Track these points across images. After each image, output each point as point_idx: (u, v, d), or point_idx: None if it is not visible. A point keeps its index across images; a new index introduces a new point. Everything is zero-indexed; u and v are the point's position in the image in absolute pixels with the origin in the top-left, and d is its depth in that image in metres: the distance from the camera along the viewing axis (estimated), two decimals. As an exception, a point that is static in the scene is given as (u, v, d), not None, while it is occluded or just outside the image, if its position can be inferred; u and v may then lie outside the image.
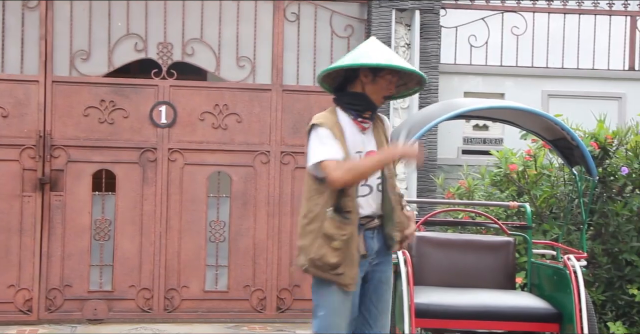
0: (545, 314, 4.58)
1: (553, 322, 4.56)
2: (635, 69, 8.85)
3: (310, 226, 3.94)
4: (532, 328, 4.69)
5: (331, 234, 3.87)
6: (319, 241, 3.90)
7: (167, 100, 7.96)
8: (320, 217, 3.91)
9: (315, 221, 3.93)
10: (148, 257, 7.87)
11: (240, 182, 8.05)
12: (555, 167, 6.73)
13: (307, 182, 4.04)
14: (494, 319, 4.55)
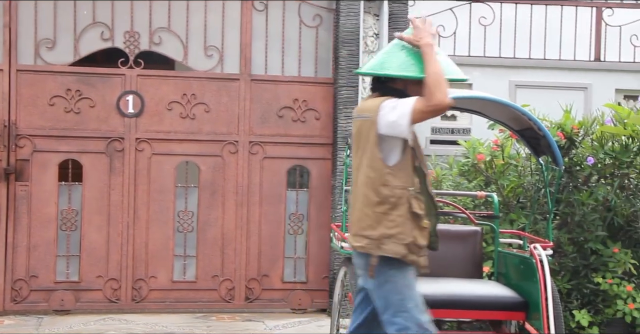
0: (511, 303, 4.62)
1: (519, 310, 4.60)
2: (601, 60, 8.93)
3: (395, 211, 3.80)
4: (498, 316, 4.73)
5: (420, 213, 3.82)
6: (409, 223, 3.82)
7: (134, 89, 7.90)
8: (404, 199, 3.81)
9: (400, 204, 3.81)
10: (115, 247, 7.82)
11: (208, 172, 8.02)
12: (522, 157, 6.78)
13: (375, 169, 3.86)
14: (462, 308, 4.58)
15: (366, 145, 3.90)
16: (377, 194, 3.83)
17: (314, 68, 8.28)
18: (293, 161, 8.18)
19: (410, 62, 3.93)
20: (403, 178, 3.85)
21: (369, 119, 3.90)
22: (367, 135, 3.90)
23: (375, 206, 3.84)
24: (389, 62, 3.95)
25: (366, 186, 3.87)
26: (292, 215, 8.19)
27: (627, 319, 6.30)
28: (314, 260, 8.18)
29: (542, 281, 4.42)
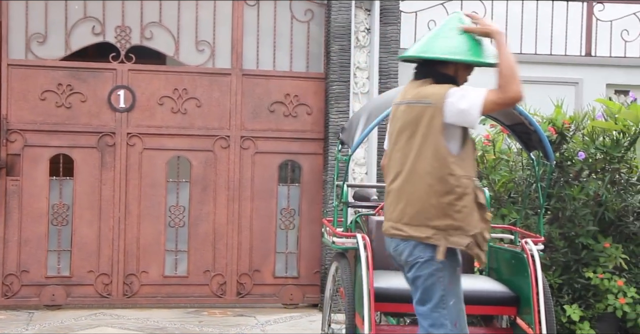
0: (502, 298, 4.62)
1: (510, 305, 4.61)
2: (592, 55, 8.94)
3: (461, 202, 3.65)
4: (490, 311, 4.73)
5: (484, 204, 3.71)
6: (475, 214, 3.70)
7: (125, 84, 7.88)
8: (469, 189, 3.68)
9: (466, 194, 3.67)
10: (107, 242, 7.81)
11: (200, 167, 8.02)
12: (514, 152, 6.79)
13: (439, 158, 3.67)
14: (452, 303, 4.58)
15: (427, 132, 3.70)
16: (444, 184, 3.66)
17: (305, 63, 8.27)
18: (284, 156, 8.18)
19: (464, 46, 3.78)
20: (467, 168, 3.72)
21: (431, 106, 3.69)
22: (429, 122, 3.69)
23: (442, 196, 3.67)
24: (439, 46, 3.77)
25: (430, 176, 3.68)
26: (284, 210, 8.19)
27: (618, 313, 6.32)
28: (306, 255, 8.18)
29: (533, 276, 4.42)
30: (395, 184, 3.80)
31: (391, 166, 3.86)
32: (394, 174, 3.82)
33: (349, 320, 4.47)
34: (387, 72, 8.04)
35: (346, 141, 5.10)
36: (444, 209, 3.68)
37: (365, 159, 7.92)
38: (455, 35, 3.80)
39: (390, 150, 3.89)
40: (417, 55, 3.80)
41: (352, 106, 7.90)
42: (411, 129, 3.76)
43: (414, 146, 3.73)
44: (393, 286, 4.50)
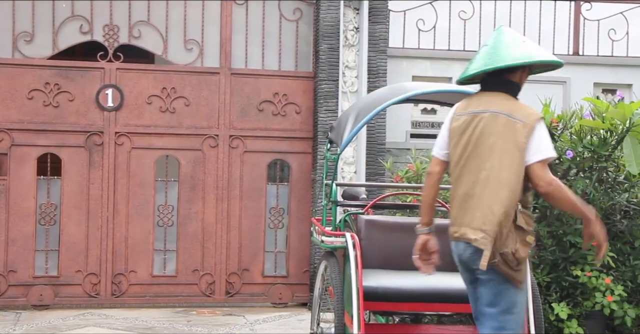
0: (491, 296, 4.62)
1: (499, 303, 4.61)
2: (579, 54, 8.97)
3: (508, 221, 3.77)
4: (478, 309, 4.73)
5: (525, 228, 3.80)
6: (512, 235, 3.79)
7: (113, 83, 7.86)
8: (512, 212, 3.79)
9: (512, 215, 3.79)
10: (95, 242, 7.79)
11: (188, 166, 8.00)
12: (502, 150, 6.79)
13: (515, 172, 3.79)
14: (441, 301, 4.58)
15: (506, 145, 3.81)
16: (516, 196, 3.79)
17: (294, 62, 8.27)
18: (273, 155, 8.17)
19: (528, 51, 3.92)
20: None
21: (520, 123, 3.81)
22: (513, 136, 3.80)
23: (507, 208, 3.78)
24: (508, 55, 3.88)
25: (506, 188, 3.79)
26: (273, 209, 8.19)
27: (606, 311, 6.33)
28: (295, 254, 8.18)
29: (521, 274, 4.43)
30: (471, 190, 3.88)
31: (465, 172, 3.93)
32: (471, 181, 3.89)
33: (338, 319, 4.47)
34: (376, 71, 8.05)
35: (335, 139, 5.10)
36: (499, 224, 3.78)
37: (354, 158, 7.92)
38: (516, 44, 3.94)
39: (465, 157, 3.94)
40: (493, 66, 3.89)
41: (341, 105, 7.90)
42: (495, 140, 3.85)
43: (496, 156, 3.83)
44: (382, 285, 4.51)
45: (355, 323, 4.19)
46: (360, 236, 5.04)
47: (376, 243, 5.16)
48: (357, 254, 4.38)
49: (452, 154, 3.98)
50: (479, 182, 3.84)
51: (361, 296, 4.26)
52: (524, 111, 3.87)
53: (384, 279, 4.58)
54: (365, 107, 4.74)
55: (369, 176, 7.94)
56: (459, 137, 3.96)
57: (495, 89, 3.97)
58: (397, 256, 5.17)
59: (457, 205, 3.93)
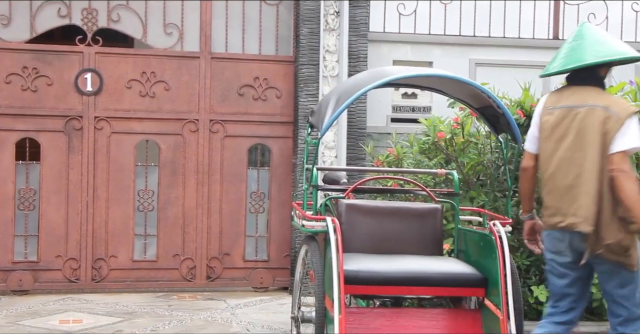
0: (471, 279, 4.65)
1: (479, 287, 4.64)
2: (559, 38, 8.99)
3: (612, 211, 4.08)
4: (458, 292, 4.76)
5: (627, 217, 4.07)
6: (616, 225, 4.07)
7: (92, 67, 7.81)
8: (614, 203, 4.08)
9: (614, 206, 4.09)
10: (75, 227, 7.76)
11: (168, 151, 7.98)
12: (482, 134, 6.82)
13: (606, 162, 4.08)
14: (422, 285, 4.60)
15: (602, 138, 4.08)
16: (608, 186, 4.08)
17: (274, 46, 8.24)
18: (254, 140, 8.16)
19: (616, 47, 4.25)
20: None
21: (615, 116, 4.08)
22: (607, 129, 4.07)
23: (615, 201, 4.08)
24: (606, 50, 4.19)
25: (604, 175, 4.07)
26: (253, 194, 8.18)
27: (584, 294, 6.39)
28: (276, 238, 8.18)
29: (501, 257, 4.46)
30: (575, 182, 4.12)
31: (565, 164, 4.16)
32: (575, 173, 4.12)
33: (319, 303, 4.48)
34: (357, 56, 8.04)
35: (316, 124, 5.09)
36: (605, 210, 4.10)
37: (335, 142, 7.92)
38: (608, 39, 4.31)
39: (563, 149, 4.17)
40: (595, 61, 4.18)
41: (322, 89, 7.89)
42: (594, 133, 4.10)
43: (596, 149, 4.09)
44: (363, 268, 4.52)
45: (336, 307, 4.20)
46: (341, 220, 5.05)
47: (357, 227, 5.18)
48: (337, 238, 4.39)
49: (544, 147, 4.24)
50: (585, 174, 4.07)
51: (342, 280, 4.27)
52: (620, 105, 4.14)
53: (365, 263, 4.59)
54: (346, 92, 4.74)
55: (350, 161, 7.95)
56: (551, 131, 4.20)
57: (586, 83, 4.24)
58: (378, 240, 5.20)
59: (558, 196, 4.17)
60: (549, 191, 4.23)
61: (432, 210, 5.35)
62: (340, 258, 4.33)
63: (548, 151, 4.23)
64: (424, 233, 5.30)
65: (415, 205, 5.60)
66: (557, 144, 4.20)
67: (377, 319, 4.56)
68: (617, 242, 4.02)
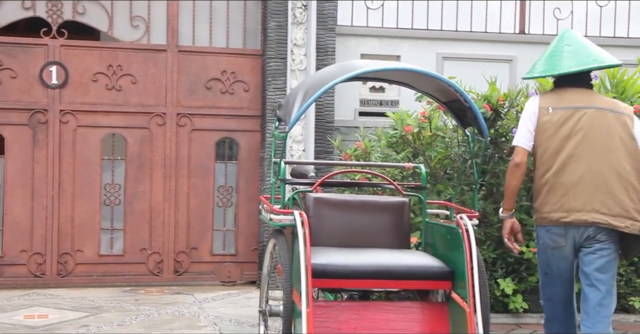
0: (438, 272, 4.67)
1: (446, 280, 4.66)
2: (525, 33, 9.05)
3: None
4: (426, 285, 4.78)
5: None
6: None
7: (57, 60, 7.73)
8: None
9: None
10: (40, 221, 7.69)
11: (135, 145, 7.92)
12: (450, 128, 6.85)
13: (636, 159, 4.36)
14: (390, 278, 4.61)
15: (625, 136, 4.35)
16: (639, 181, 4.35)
17: (242, 39, 8.22)
18: (222, 133, 8.13)
19: (601, 51, 4.54)
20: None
21: (627, 115, 4.43)
22: (627, 128, 4.38)
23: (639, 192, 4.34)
24: (601, 57, 4.49)
25: (633, 174, 4.34)
26: (221, 187, 8.16)
27: (550, 286, 6.45)
28: (243, 232, 8.17)
29: (468, 250, 4.48)
30: (582, 179, 4.32)
31: (572, 162, 4.34)
32: (583, 170, 4.33)
33: (286, 297, 4.48)
34: (325, 49, 8.03)
35: (283, 117, 5.08)
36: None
37: (302, 136, 7.91)
38: (596, 47, 4.57)
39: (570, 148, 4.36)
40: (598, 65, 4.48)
41: (290, 83, 7.88)
42: (611, 133, 4.35)
43: (612, 146, 4.33)
44: (330, 262, 4.52)
45: (304, 301, 4.20)
46: (309, 214, 5.04)
47: (324, 221, 5.18)
48: (305, 232, 4.39)
49: (546, 145, 4.39)
50: (606, 172, 4.30)
51: (309, 273, 4.28)
52: (621, 105, 4.47)
53: (333, 257, 4.59)
54: (314, 85, 4.73)
55: (318, 154, 7.95)
56: (556, 130, 4.37)
57: (580, 85, 4.49)
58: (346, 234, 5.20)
59: (564, 192, 4.34)
60: (552, 187, 4.39)
61: (400, 204, 5.37)
62: (308, 251, 4.33)
63: (551, 149, 4.40)
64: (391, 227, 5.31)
65: (382, 199, 5.61)
66: (563, 143, 4.37)
67: (344, 313, 4.57)
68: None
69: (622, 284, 6.73)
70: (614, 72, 6.78)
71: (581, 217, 4.32)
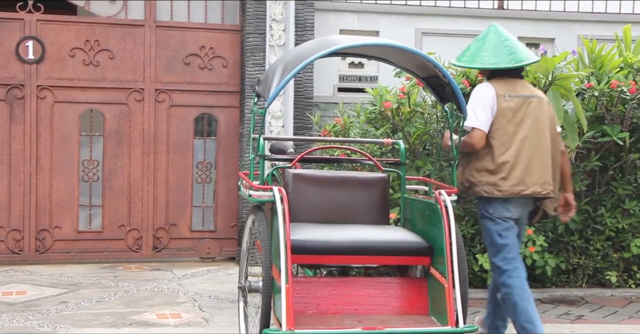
0: (417, 248, 4.69)
1: (425, 255, 4.68)
2: (504, 8, 9.05)
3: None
4: (404, 261, 4.80)
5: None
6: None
7: (34, 35, 7.65)
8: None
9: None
10: (17, 197, 7.65)
11: (113, 121, 7.88)
12: (428, 104, 6.85)
13: (558, 142, 5.06)
14: (369, 254, 4.63)
15: (550, 122, 4.98)
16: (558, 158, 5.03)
17: (220, 15, 8.16)
18: (200, 109, 8.10)
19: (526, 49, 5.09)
20: None
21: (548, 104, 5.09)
22: (550, 114, 5.02)
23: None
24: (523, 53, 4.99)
25: (556, 151, 4.99)
26: (200, 164, 8.14)
27: (528, 261, 6.50)
28: (223, 208, 8.17)
29: (446, 226, 4.49)
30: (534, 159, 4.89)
31: (527, 144, 4.88)
32: (534, 151, 4.89)
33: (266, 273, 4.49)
34: (304, 25, 8.00)
35: (262, 93, 5.06)
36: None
37: (281, 111, 7.90)
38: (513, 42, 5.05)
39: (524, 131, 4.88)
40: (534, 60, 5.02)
41: (269, 59, 7.84)
42: (544, 118, 4.93)
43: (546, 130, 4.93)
44: (310, 238, 4.53)
45: (283, 276, 4.21)
46: (288, 190, 5.04)
47: (304, 197, 5.17)
48: (285, 208, 4.39)
49: (505, 128, 4.87)
50: (545, 151, 4.90)
51: (289, 249, 4.28)
52: (543, 94, 5.10)
53: (312, 233, 4.60)
54: (293, 61, 4.71)
55: (297, 130, 7.94)
56: (513, 115, 4.88)
57: (519, 76, 5.05)
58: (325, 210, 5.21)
59: (523, 169, 4.85)
60: (513, 165, 4.86)
61: (379, 179, 5.37)
62: (287, 227, 4.33)
63: (510, 132, 4.87)
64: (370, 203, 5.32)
65: (361, 174, 5.61)
66: (517, 127, 4.87)
67: (324, 289, 4.59)
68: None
69: (598, 259, 6.80)
70: (592, 47, 6.80)
71: (537, 189, 4.88)
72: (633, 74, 6.75)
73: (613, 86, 6.53)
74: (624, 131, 6.62)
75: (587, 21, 9.12)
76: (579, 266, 6.82)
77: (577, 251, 6.83)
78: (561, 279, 6.84)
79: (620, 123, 6.66)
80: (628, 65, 6.80)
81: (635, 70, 6.79)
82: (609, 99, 6.66)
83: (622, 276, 6.90)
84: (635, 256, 6.89)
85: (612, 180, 6.91)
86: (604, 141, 6.68)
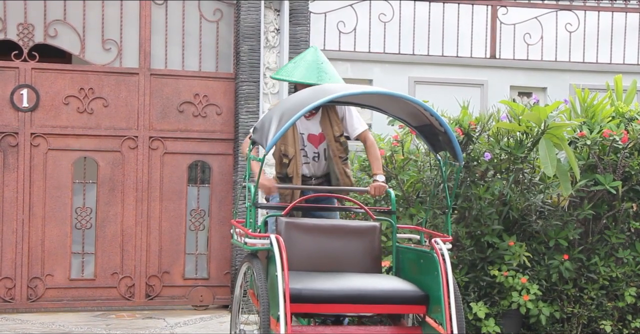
0: (413, 297, 4.67)
1: (420, 304, 4.66)
2: (496, 57, 9.15)
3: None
4: (400, 310, 4.78)
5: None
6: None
7: (28, 83, 7.69)
8: None
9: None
10: (9, 245, 7.60)
11: (107, 168, 7.88)
12: (422, 152, 6.89)
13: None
14: (365, 303, 4.60)
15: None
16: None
17: (214, 63, 8.22)
18: (194, 157, 8.11)
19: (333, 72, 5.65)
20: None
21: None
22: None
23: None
24: (332, 74, 5.55)
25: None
26: (194, 211, 8.13)
27: (522, 310, 6.49)
28: (216, 256, 8.13)
29: (443, 274, 4.49)
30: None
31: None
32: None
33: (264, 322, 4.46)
34: (297, 73, 8.04)
35: (259, 141, 5.08)
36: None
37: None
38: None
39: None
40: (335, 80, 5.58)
41: (262, 106, 7.89)
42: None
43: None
44: (306, 287, 4.51)
45: (282, 325, 4.18)
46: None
47: (296, 245, 5.16)
48: (283, 256, 4.38)
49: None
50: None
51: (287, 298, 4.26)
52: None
53: (308, 282, 4.58)
54: (290, 109, 4.74)
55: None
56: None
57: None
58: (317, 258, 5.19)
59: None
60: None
61: (371, 228, 5.36)
62: (286, 276, 4.32)
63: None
64: (362, 251, 5.31)
65: (353, 223, 5.61)
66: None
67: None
68: None
69: (592, 308, 6.78)
70: (584, 96, 6.87)
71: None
72: (625, 123, 6.81)
73: (605, 135, 6.58)
74: (616, 179, 6.65)
75: (579, 71, 9.24)
76: (573, 315, 6.79)
77: (571, 299, 6.81)
78: (556, 328, 6.81)
79: (613, 172, 6.69)
80: (620, 114, 6.87)
81: (627, 120, 6.86)
82: (602, 148, 6.71)
83: (616, 326, 6.87)
84: (629, 305, 6.87)
85: (606, 229, 6.92)
86: (597, 190, 6.70)
